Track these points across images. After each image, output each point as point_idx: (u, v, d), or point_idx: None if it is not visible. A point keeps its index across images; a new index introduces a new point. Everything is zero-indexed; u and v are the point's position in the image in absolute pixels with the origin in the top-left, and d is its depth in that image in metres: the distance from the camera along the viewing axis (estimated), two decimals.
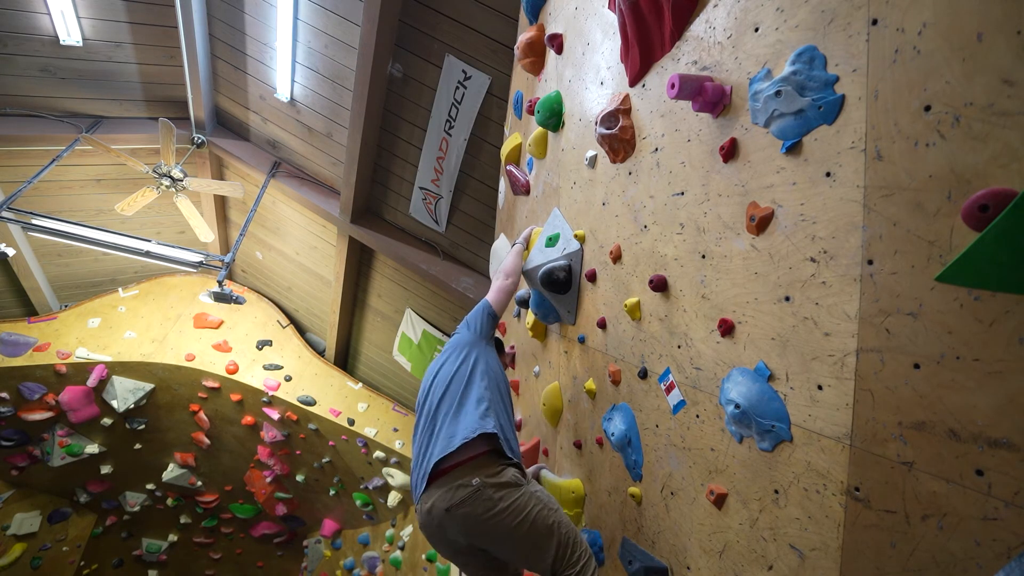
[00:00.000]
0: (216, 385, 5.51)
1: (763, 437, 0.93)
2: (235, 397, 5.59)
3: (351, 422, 5.49)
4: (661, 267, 1.29)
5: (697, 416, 1.13)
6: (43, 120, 4.20)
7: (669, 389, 1.24)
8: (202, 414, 5.83)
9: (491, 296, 1.82)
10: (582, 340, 1.79)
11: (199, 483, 6.60)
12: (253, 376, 5.53)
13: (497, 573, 1.44)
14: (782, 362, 0.90)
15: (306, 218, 5.01)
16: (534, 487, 1.33)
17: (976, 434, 0.60)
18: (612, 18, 1.53)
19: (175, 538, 7.17)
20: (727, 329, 1.03)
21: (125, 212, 4.31)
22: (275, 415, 5.61)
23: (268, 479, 6.37)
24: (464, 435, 1.30)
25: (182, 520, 7.03)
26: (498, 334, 1.88)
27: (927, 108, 0.66)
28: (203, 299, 4.81)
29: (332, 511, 6.68)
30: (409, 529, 5.50)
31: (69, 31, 3.80)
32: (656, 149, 1.32)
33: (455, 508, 1.23)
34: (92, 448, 5.63)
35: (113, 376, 5.29)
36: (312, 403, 5.51)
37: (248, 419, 5.79)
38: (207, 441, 6.09)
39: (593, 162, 1.68)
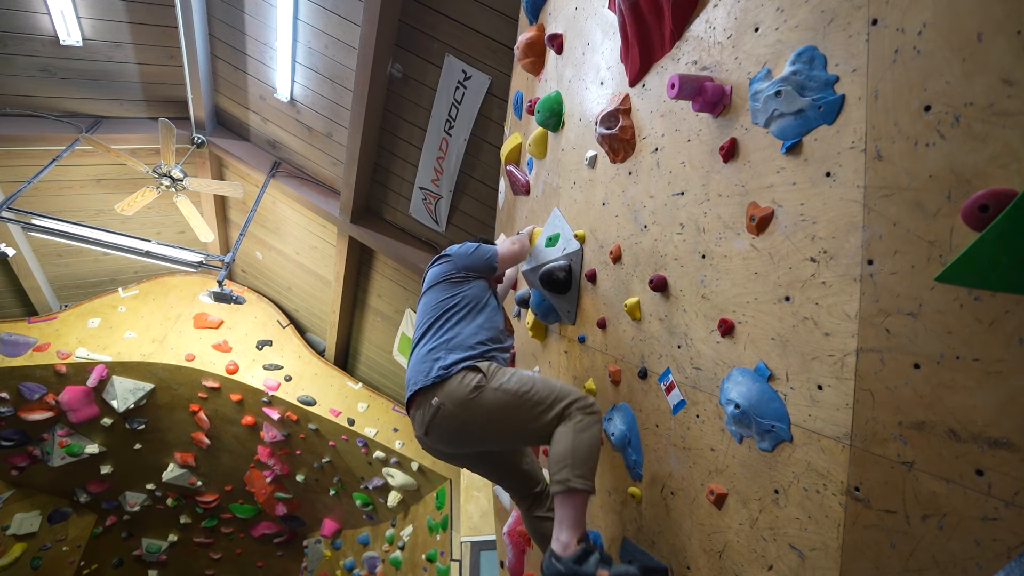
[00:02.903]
0: (216, 385, 5.51)
1: (763, 437, 0.93)
2: (235, 397, 5.59)
3: (351, 422, 5.49)
4: (661, 267, 1.29)
5: (697, 416, 1.13)
6: (43, 120, 4.20)
7: (669, 389, 1.24)
8: (202, 414, 5.83)
9: (501, 249, 1.84)
10: (582, 340, 1.79)
11: (199, 483, 6.60)
12: (253, 376, 5.53)
13: (497, 467, 1.57)
14: (782, 362, 0.90)
15: (306, 218, 5.01)
16: (503, 375, 1.35)
17: (976, 434, 0.60)
18: (612, 18, 1.53)
19: (175, 538, 7.17)
20: (727, 329, 1.03)
21: (125, 212, 4.31)
22: (275, 415, 5.62)
23: (268, 479, 6.37)
24: (437, 374, 1.37)
25: (182, 520, 7.03)
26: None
27: (927, 108, 0.66)
28: (203, 299, 4.80)
29: (332, 511, 6.68)
30: (409, 529, 5.50)
31: (69, 31, 3.80)
32: (656, 149, 1.32)
33: (430, 429, 1.35)
34: (92, 448, 5.63)
35: (113, 376, 5.29)
36: (312, 403, 5.51)
37: (248, 419, 5.79)
38: (207, 441, 6.09)
39: (593, 162, 1.68)
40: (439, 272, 1.72)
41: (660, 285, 1.26)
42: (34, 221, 3.93)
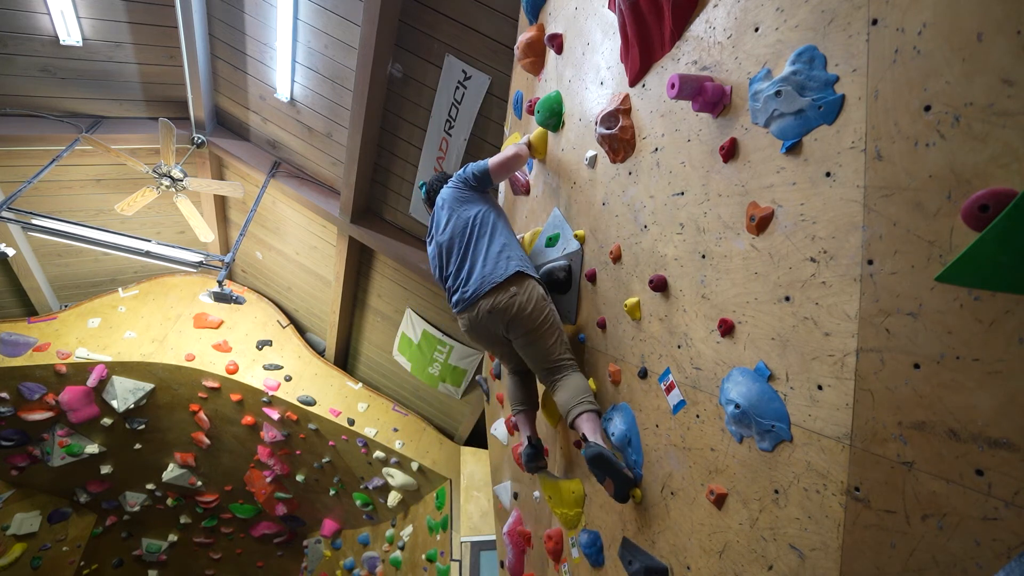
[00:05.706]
0: (216, 385, 5.51)
1: (763, 437, 0.93)
2: (235, 397, 5.59)
3: (351, 422, 5.49)
4: (661, 267, 1.29)
5: (697, 416, 1.13)
6: (43, 120, 4.20)
7: (669, 389, 1.24)
8: (202, 414, 5.84)
9: (492, 159, 2.02)
10: (582, 340, 1.79)
11: (199, 483, 6.60)
12: (253, 376, 5.53)
13: (517, 361, 1.95)
14: (782, 362, 0.90)
15: (306, 218, 5.01)
16: (553, 307, 1.78)
17: (976, 434, 0.60)
18: (612, 18, 1.53)
19: (175, 538, 7.18)
20: (727, 329, 1.03)
21: (125, 212, 4.31)
22: (275, 415, 5.62)
23: (268, 479, 6.38)
24: (503, 273, 1.75)
25: (182, 520, 7.03)
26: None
27: (927, 108, 0.66)
28: (203, 299, 4.81)
29: (332, 511, 6.68)
30: (409, 529, 5.50)
31: (69, 31, 3.80)
32: (656, 149, 1.32)
33: (496, 308, 1.72)
34: (92, 448, 5.63)
35: (113, 376, 5.29)
36: (312, 403, 5.51)
37: (248, 419, 5.79)
38: (207, 441, 6.10)
39: (593, 162, 1.68)
40: (454, 198, 1.95)
41: (660, 285, 1.26)
42: (34, 221, 3.93)
